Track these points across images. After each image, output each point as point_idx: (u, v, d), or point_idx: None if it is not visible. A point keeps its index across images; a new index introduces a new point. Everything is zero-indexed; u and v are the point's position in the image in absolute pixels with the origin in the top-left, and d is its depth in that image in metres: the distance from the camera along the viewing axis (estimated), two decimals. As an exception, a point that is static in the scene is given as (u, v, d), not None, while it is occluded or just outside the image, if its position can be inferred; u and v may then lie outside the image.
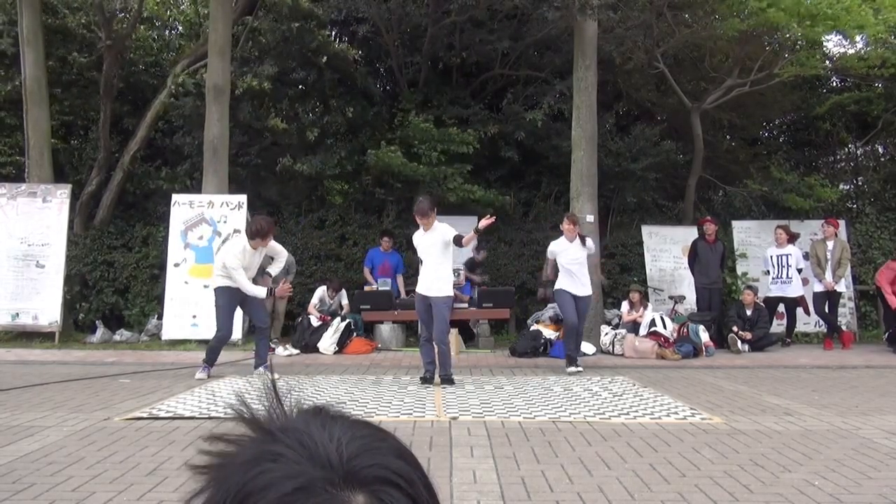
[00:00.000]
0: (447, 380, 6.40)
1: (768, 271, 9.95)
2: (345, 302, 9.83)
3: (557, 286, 7.41)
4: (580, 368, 7.25)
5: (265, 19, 11.07)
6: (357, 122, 11.54)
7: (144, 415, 4.93)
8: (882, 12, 10.06)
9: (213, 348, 6.76)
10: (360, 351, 8.94)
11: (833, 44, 12.38)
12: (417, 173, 10.60)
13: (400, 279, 10.14)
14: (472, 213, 10.49)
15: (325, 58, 10.94)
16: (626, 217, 12.20)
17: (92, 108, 11.62)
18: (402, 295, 9.70)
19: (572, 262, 7.26)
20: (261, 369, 6.80)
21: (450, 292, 6.53)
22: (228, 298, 6.64)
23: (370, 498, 0.49)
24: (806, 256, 9.81)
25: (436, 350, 6.48)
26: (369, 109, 11.72)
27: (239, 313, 7.26)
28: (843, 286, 9.73)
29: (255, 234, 6.54)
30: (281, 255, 6.97)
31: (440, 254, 6.40)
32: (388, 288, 9.66)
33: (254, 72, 10.67)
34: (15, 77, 10.87)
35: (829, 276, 9.45)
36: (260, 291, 6.60)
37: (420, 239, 6.57)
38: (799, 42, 11.17)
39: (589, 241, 7.43)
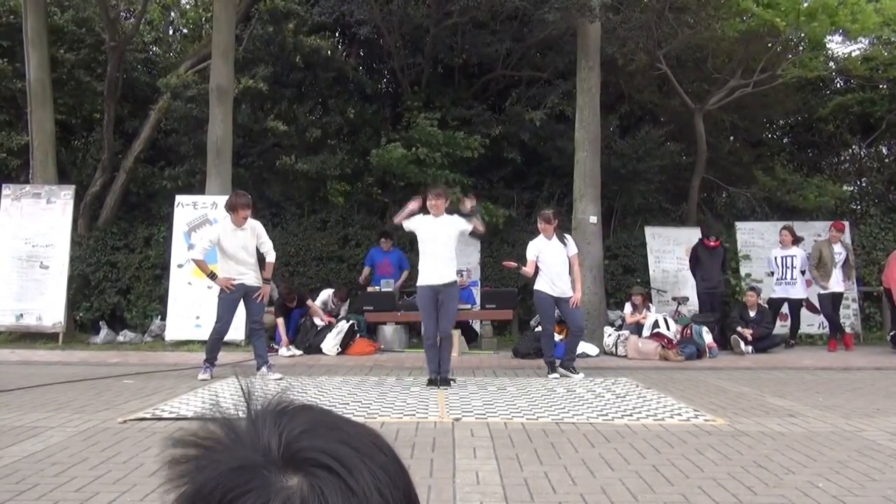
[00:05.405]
0: (444, 380, 6.36)
1: (772, 272, 9.94)
2: (344, 310, 9.83)
3: (536, 287, 7.05)
4: (557, 376, 6.98)
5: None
6: (356, 121, 11.53)
7: (148, 416, 4.94)
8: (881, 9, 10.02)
9: (212, 343, 6.78)
10: (363, 352, 8.94)
11: (836, 44, 12.36)
12: (418, 176, 10.57)
13: (404, 275, 10.08)
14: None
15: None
16: (629, 218, 12.17)
17: (93, 108, 11.62)
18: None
19: (551, 263, 6.97)
20: (263, 369, 6.80)
21: (457, 280, 6.60)
22: (230, 290, 6.67)
23: (304, 480, 0.51)
24: (810, 258, 9.80)
25: (440, 345, 6.39)
26: (368, 108, 11.71)
27: (241, 314, 7.26)
28: (844, 287, 9.72)
29: (227, 208, 6.77)
30: (266, 243, 6.91)
31: (451, 242, 6.40)
32: (390, 289, 9.66)
33: (251, 73, 10.68)
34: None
35: (836, 276, 9.44)
36: (196, 254, 6.75)
37: (429, 224, 6.40)
38: (801, 45, 11.14)
39: (569, 240, 7.16)
